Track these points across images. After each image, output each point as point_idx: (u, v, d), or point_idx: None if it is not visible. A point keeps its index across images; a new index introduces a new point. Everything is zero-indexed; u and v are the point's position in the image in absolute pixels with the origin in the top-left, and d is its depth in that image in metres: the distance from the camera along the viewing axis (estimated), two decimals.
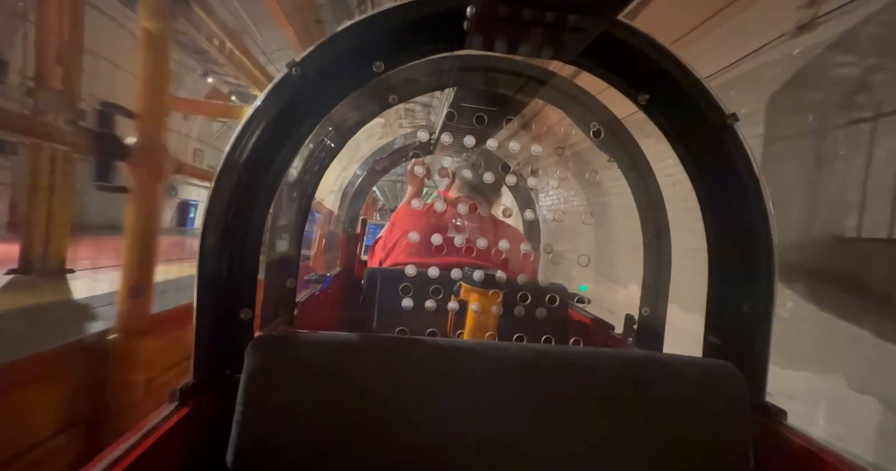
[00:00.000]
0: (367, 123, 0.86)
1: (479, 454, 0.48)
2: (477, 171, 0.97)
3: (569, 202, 3.91)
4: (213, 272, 0.51)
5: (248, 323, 0.54)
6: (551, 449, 0.49)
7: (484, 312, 0.81)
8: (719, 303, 0.62)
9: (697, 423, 0.52)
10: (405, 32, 0.53)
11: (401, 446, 0.47)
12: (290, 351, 0.50)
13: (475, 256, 0.95)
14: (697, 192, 0.63)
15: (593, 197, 3.32)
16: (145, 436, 0.41)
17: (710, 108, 0.57)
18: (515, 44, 0.57)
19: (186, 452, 0.47)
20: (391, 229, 1.25)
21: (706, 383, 0.54)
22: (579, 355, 0.55)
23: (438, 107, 4.11)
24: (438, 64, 0.83)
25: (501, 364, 0.51)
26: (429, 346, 0.52)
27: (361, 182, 2.10)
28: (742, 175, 0.57)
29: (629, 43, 0.55)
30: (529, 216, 1.86)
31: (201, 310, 0.51)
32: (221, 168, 0.51)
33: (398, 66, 0.57)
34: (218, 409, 0.49)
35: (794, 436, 0.51)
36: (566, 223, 0.88)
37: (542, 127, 2.83)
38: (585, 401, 0.51)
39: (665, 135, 0.62)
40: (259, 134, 0.51)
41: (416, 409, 0.48)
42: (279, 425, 0.47)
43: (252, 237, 0.54)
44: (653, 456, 0.50)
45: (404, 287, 0.72)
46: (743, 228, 0.58)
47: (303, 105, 0.53)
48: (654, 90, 0.59)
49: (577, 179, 3.53)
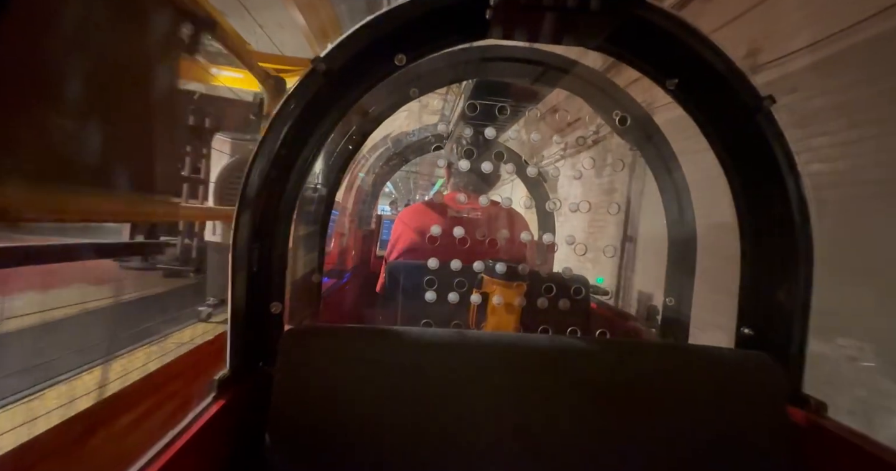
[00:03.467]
0: (388, 117, 0.86)
1: (510, 443, 0.49)
2: (471, 159, 0.96)
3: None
4: (245, 267, 0.52)
5: (278, 316, 0.56)
6: (582, 440, 0.49)
7: (507, 304, 0.81)
8: (753, 293, 0.60)
9: (732, 415, 0.51)
10: (426, 24, 0.53)
11: (432, 437, 0.48)
12: (322, 343, 0.51)
13: (472, 246, 0.95)
14: (729, 177, 0.61)
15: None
16: (186, 428, 0.43)
17: (743, 91, 0.54)
18: (538, 31, 0.56)
19: (226, 442, 0.48)
20: (395, 226, 1.26)
21: (740, 375, 0.52)
22: (607, 345, 0.54)
23: (453, 100, 4.08)
24: (457, 56, 0.82)
25: (530, 356, 0.51)
26: (457, 338, 0.52)
27: (376, 179, 2.12)
28: (779, 159, 0.55)
29: (657, 25, 0.53)
30: (547, 207, 1.84)
31: (235, 303, 0.52)
32: (251, 164, 0.52)
33: (420, 58, 0.56)
34: (253, 399, 0.50)
35: (835, 429, 0.50)
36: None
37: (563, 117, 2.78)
38: (616, 392, 0.50)
39: (695, 120, 0.61)
40: (287, 130, 0.52)
41: (446, 400, 0.49)
42: (313, 414, 0.48)
43: (281, 232, 0.55)
44: (686, 448, 0.50)
45: (428, 280, 0.72)
46: (779, 214, 0.56)
47: (327, 100, 0.54)
48: (683, 74, 0.57)
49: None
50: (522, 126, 4.00)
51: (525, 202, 0.81)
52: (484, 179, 1.14)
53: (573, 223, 4.38)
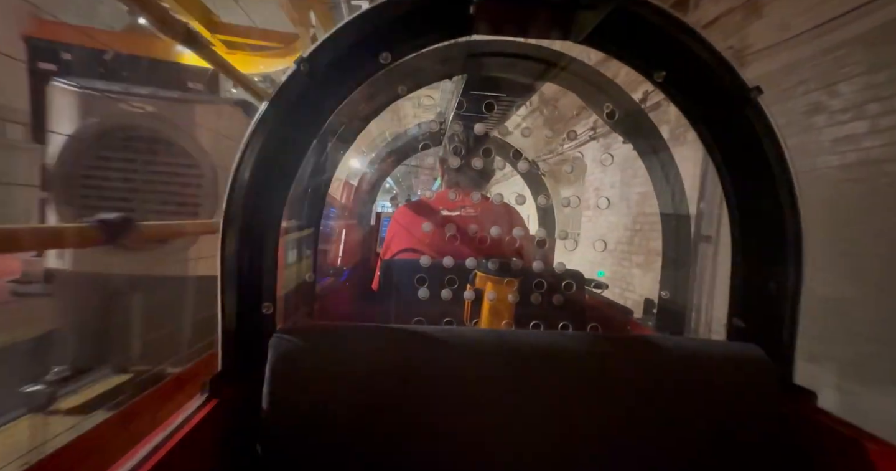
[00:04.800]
0: (377, 116, 0.86)
1: (501, 439, 0.49)
2: (462, 156, 0.95)
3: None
4: (234, 269, 0.53)
5: (270, 317, 0.56)
6: (573, 435, 0.49)
7: (499, 300, 0.81)
8: (743, 284, 0.60)
9: (723, 407, 0.51)
10: (410, 21, 0.53)
11: (423, 433, 0.48)
12: (312, 343, 0.51)
13: (466, 243, 0.94)
14: (719, 169, 0.60)
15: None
16: (179, 428, 0.43)
17: (732, 83, 0.54)
18: (523, 26, 0.56)
19: (218, 441, 0.49)
20: (390, 225, 1.27)
21: (731, 367, 0.53)
22: (597, 340, 0.54)
23: (447, 96, 4.06)
24: (445, 52, 0.81)
25: (519, 352, 0.52)
26: (447, 335, 0.52)
27: (373, 175, 2.11)
28: (768, 150, 0.54)
29: (643, 18, 0.53)
30: (542, 202, 1.84)
31: (224, 305, 0.52)
32: (237, 166, 0.51)
33: (405, 56, 0.56)
34: (245, 399, 0.50)
35: (825, 418, 0.50)
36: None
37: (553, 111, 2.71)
38: (605, 387, 0.51)
39: (684, 113, 0.60)
40: (271, 131, 0.52)
41: (437, 397, 0.49)
42: (304, 414, 0.48)
43: (270, 233, 0.55)
44: (678, 441, 0.50)
45: (419, 278, 0.73)
46: (769, 206, 0.56)
47: (312, 101, 0.54)
48: (671, 66, 0.57)
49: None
50: (537, 106, 3.85)
51: (517, 199, 0.81)
52: (478, 174, 1.14)
53: (610, 219, 3.81)
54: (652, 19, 0.53)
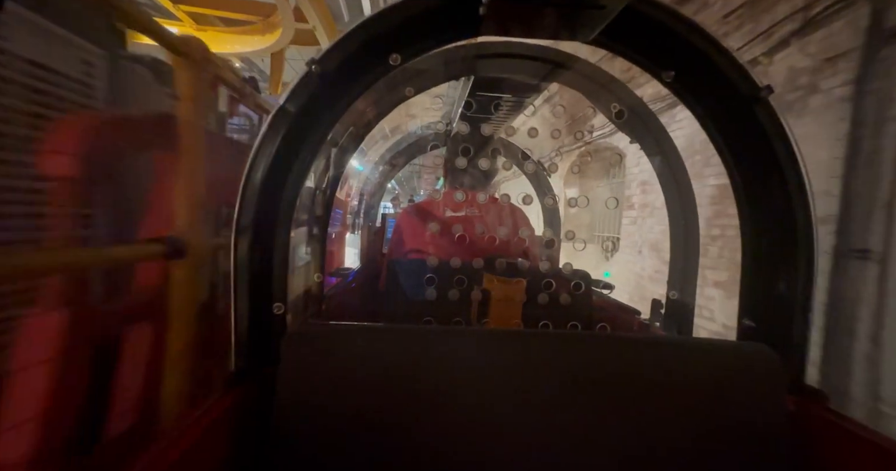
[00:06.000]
0: (385, 117, 0.86)
1: (509, 439, 0.49)
2: (468, 156, 0.94)
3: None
4: (246, 270, 0.53)
5: (281, 317, 0.56)
6: (581, 434, 0.49)
7: (507, 300, 0.81)
8: (754, 285, 0.60)
9: (732, 407, 0.51)
10: (420, 23, 0.53)
11: (434, 431, 0.49)
12: (323, 342, 0.51)
13: (472, 243, 0.94)
14: (729, 169, 0.60)
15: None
16: (190, 427, 0.44)
17: (742, 82, 0.54)
18: (532, 27, 0.56)
19: (229, 440, 0.50)
20: (395, 226, 1.27)
21: (740, 367, 0.52)
22: (605, 340, 0.54)
23: (454, 96, 4.05)
24: (454, 53, 0.82)
25: (528, 351, 0.52)
26: (456, 334, 0.53)
27: (379, 177, 2.12)
28: (778, 149, 0.54)
29: (652, 18, 0.53)
30: (549, 203, 1.84)
31: (237, 305, 0.53)
32: (249, 168, 0.52)
33: (414, 57, 0.56)
34: (258, 398, 0.51)
35: (836, 419, 0.50)
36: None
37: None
38: (613, 387, 0.51)
39: (693, 112, 0.60)
40: (283, 133, 0.52)
41: (447, 396, 0.49)
42: (316, 411, 0.49)
43: (281, 234, 0.55)
44: (687, 439, 0.50)
45: (428, 278, 0.73)
46: (781, 205, 0.56)
47: (323, 102, 0.54)
48: (680, 66, 0.57)
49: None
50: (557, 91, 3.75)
51: (525, 199, 0.81)
52: (482, 174, 1.14)
53: (666, 222, 3.47)
54: (661, 19, 0.53)
